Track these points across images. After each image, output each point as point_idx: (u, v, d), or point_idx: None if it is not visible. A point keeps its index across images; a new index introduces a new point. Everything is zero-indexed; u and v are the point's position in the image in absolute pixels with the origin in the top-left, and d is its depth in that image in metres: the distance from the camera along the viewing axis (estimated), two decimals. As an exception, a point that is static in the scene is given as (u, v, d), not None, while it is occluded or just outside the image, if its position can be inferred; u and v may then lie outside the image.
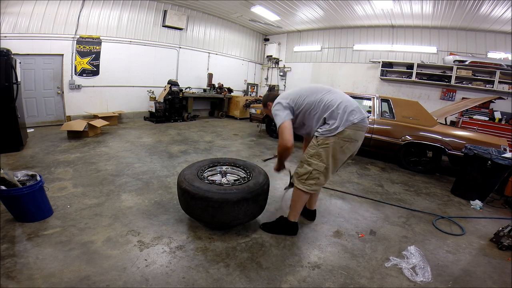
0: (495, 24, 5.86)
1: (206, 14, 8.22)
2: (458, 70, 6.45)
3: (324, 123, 1.90)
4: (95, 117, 5.80)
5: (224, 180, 2.29)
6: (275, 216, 2.38)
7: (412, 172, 4.37)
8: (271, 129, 6.29)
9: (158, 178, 3.25)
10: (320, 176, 1.95)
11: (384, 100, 4.82)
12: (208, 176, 2.36)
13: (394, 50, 7.71)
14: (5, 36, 4.81)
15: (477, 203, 3.19)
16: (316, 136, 1.93)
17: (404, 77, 7.42)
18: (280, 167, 2.25)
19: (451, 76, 6.53)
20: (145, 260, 1.80)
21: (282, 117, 1.92)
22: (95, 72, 6.23)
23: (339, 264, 1.92)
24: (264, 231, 2.24)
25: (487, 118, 6.12)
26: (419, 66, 7.09)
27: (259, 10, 7.34)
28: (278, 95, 2.14)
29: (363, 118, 1.89)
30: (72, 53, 5.78)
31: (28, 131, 4.70)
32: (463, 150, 3.46)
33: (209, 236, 2.13)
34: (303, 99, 1.96)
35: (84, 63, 6.01)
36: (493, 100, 5.28)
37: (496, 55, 6.26)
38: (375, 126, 4.66)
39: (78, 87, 6.01)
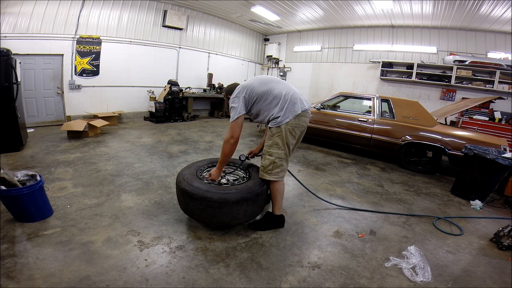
0: (495, 24, 5.85)
1: (206, 14, 8.22)
2: (458, 70, 6.45)
3: (271, 113, 2.06)
4: (95, 117, 5.80)
5: (223, 180, 2.29)
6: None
7: (412, 172, 4.36)
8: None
9: (158, 178, 3.25)
10: (283, 163, 2.11)
11: (384, 100, 4.82)
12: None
13: (394, 50, 7.71)
14: (5, 36, 4.81)
15: (477, 203, 3.19)
16: (270, 127, 2.10)
17: (404, 77, 7.41)
18: (220, 172, 2.19)
19: (451, 76, 6.53)
20: (145, 260, 1.80)
21: (237, 112, 2.04)
22: (95, 72, 6.23)
23: (339, 264, 1.92)
24: (254, 230, 2.25)
25: (487, 118, 6.11)
26: (419, 66, 7.09)
27: (259, 10, 7.34)
28: (236, 85, 2.23)
29: (305, 109, 2.09)
30: (72, 53, 5.78)
31: (28, 131, 4.70)
32: (463, 150, 3.45)
33: (209, 236, 2.13)
34: (255, 91, 2.07)
35: (84, 63, 6.01)
36: (493, 100, 5.28)
37: (496, 55, 6.26)
38: (375, 126, 4.66)
39: (78, 87, 6.01)
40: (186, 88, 7.67)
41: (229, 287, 1.62)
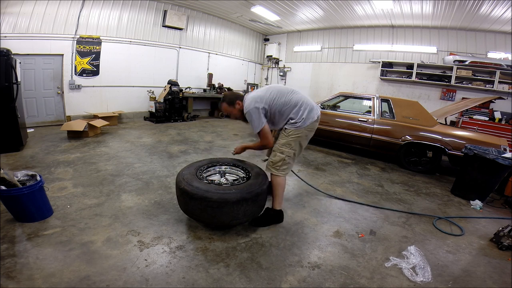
0: (495, 24, 5.85)
1: (206, 14, 8.21)
2: (458, 70, 6.45)
3: (291, 119, 2.22)
4: (95, 117, 5.80)
5: (223, 180, 2.29)
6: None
7: (412, 172, 4.36)
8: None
9: (158, 178, 3.25)
10: (291, 161, 2.28)
11: (384, 100, 4.82)
12: (207, 176, 2.36)
13: (394, 50, 7.71)
14: (5, 36, 4.81)
15: (477, 203, 3.19)
16: (286, 128, 2.24)
17: (404, 77, 7.41)
18: (243, 150, 2.55)
19: (451, 76, 6.53)
20: (145, 260, 1.80)
21: (262, 122, 2.17)
22: (95, 72, 6.23)
23: (339, 264, 1.92)
24: (256, 227, 2.30)
25: (487, 118, 6.11)
26: (419, 66, 7.09)
27: (259, 10, 7.34)
28: (237, 94, 2.35)
29: (319, 115, 2.32)
30: (72, 53, 5.77)
31: (28, 131, 4.70)
32: (463, 150, 3.45)
33: (209, 236, 2.13)
34: (275, 101, 2.19)
35: (84, 63, 6.01)
36: (493, 100, 5.28)
37: (496, 55, 6.26)
38: (375, 126, 4.66)
39: (78, 87, 6.01)
40: (186, 88, 7.67)
41: (229, 287, 1.62)
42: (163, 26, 7.28)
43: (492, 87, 6.15)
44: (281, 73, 10.31)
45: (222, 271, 1.75)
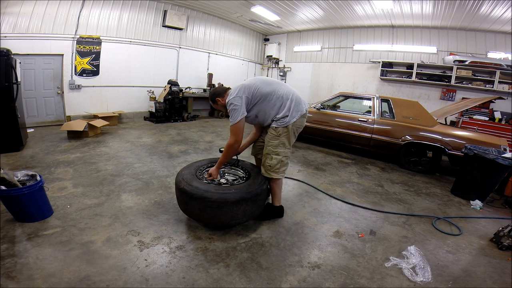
0: (495, 24, 5.85)
1: (206, 14, 8.21)
2: (458, 70, 6.45)
3: (277, 113, 2.13)
4: (95, 117, 5.80)
5: (222, 180, 2.29)
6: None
7: (412, 172, 4.36)
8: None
9: (158, 178, 3.25)
10: (288, 160, 2.26)
11: (384, 100, 4.82)
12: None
13: (394, 50, 7.70)
14: (5, 36, 4.81)
15: (477, 203, 3.19)
16: (275, 127, 2.16)
17: (404, 77, 7.41)
18: (218, 171, 2.25)
19: (451, 76, 6.53)
20: (145, 260, 1.80)
21: (239, 113, 2.03)
22: (95, 72, 6.23)
23: (339, 264, 1.92)
24: (257, 220, 2.37)
25: (487, 118, 6.11)
26: (419, 66, 7.09)
27: (259, 10, 7.34)
28: (225, 89, 2.24)
29: (307, 109, 2.25)
30: (72, 53, 5.77)
31: (28, 131, 4.70)
32: (463, 150, 3.45)
33: (209, 236, 2.13)
34: (260, 90, 2.09)
35: (84, 63, 6.01)
36: (493, 100, 5.28)
37: (496, 55, 6.26)
38: (375, 126, 4.66)
39: (78, 87, 6.01)
40: (186, 88, 7.67)
41: (229, 287, 1.62)
42: (163, 26, 7.28)
43: (492, 87, 6.15)
44: (281, 73, 10.31)
45: (222, 271, 1.75)
